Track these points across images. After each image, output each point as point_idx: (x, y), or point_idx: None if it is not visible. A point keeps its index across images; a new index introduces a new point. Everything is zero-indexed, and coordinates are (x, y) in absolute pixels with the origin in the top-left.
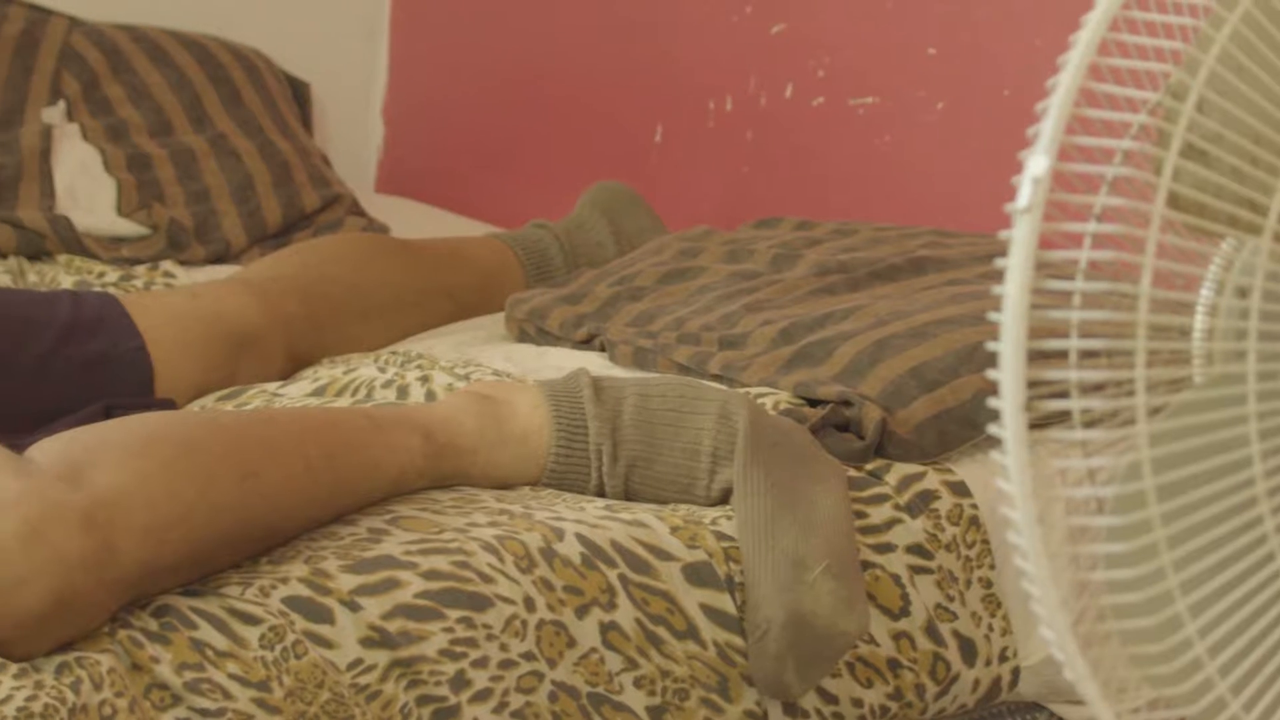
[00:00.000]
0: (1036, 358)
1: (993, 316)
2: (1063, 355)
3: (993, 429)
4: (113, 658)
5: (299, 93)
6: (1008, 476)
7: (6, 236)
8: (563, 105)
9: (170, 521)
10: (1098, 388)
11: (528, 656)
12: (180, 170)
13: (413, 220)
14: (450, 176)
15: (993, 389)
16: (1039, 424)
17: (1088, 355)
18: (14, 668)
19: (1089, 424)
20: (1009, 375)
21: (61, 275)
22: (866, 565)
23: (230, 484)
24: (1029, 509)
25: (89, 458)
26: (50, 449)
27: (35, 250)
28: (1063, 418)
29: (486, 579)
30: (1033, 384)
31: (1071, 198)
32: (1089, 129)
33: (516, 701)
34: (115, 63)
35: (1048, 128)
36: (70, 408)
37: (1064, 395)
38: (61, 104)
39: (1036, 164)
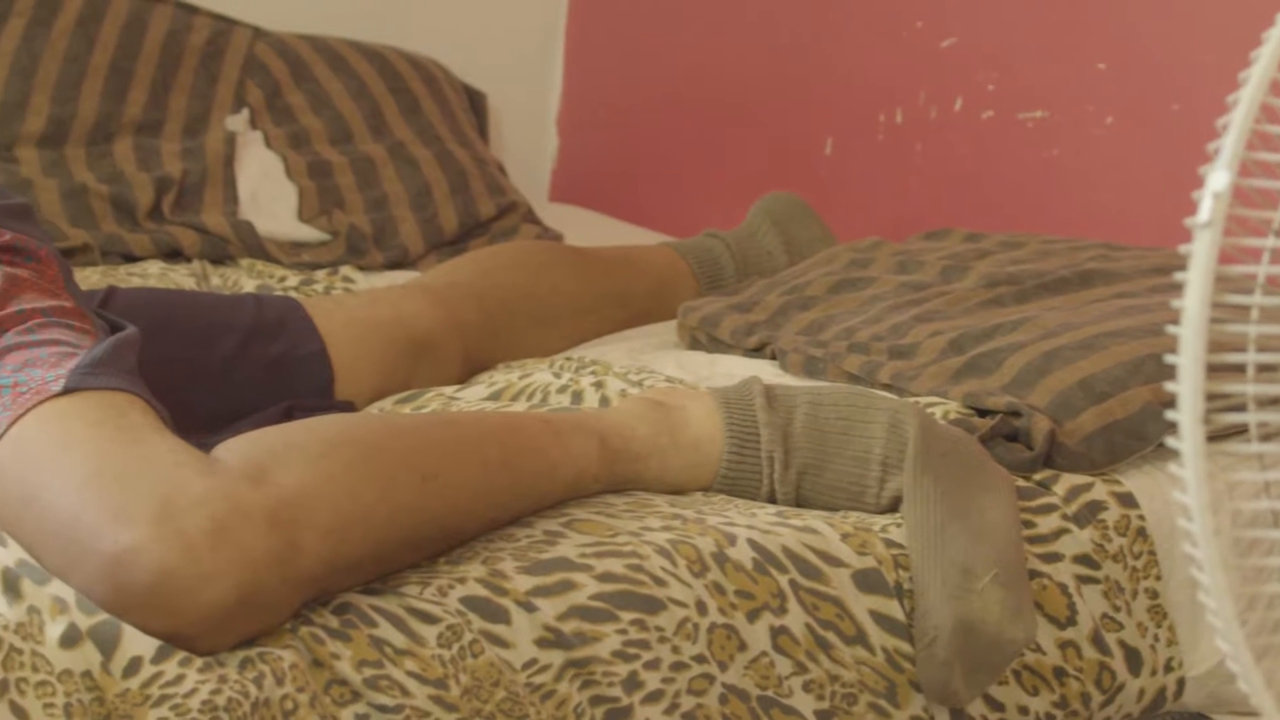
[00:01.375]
0: (1214, 371)
1: (1172, 330)
2: (1240, 369)
3: (1170, 441)
4: (295, 653)
5: (476, 102)
6: (1185, 489)
7: (191, 241)
8: (735, 116)
9: (352, 521)
10: (1274, 401)
11: (699, 659)
12: (360, 178)
13: (585, 228)
14: (623, 185)
15: (1161, 401)
16: (1215, 437)
17: (1265, 369)
18: (199, 662)
19: (1265, 437)
20: (1188, 388)
21: (244, 279)
22: (1034, 574)
23: (411, 485)
24: (1207, 521)
25: (274, 458)
26: (236, 449)
27: (219, 254)
28: (1239, 431)
29: (660, 582)
30: (1210, 397)
31: (1250, 213)
32: (1269, 144)
33: (688, 703)
34: (297, 72)
35: (1229, 143)
36: (253, 409)
37: (1241, 409)
38: (245, 112)
39: (1217, 179)
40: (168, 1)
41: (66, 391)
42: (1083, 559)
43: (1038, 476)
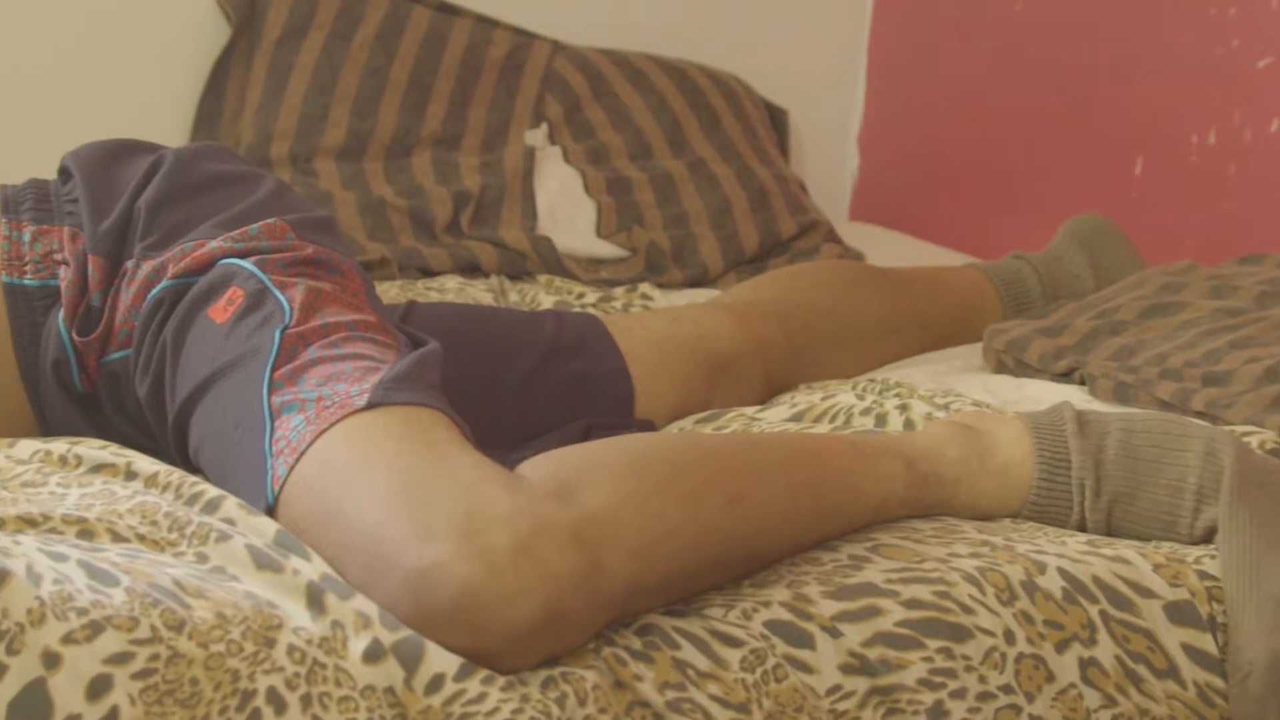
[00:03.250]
0: None
1: None
2: None
3: None
4: (597, 674)
5: (777, 119)
6: None
7: (489, 256)
8: (1040, 136)
9: (657, 541)
10: None
11: (1006, 689)
12: (659, 194)
13: (886, 248)
14: (925, 205)
15: None
16: None
17: None
18: (502, 680)
19: None
20: None
21: (541, 295)
22: None
23: (717, 506)
24: None
25: (579, 477)
26: (541, 466)
27: (517, 270)
28: None
29: (967, 610)
30: None
31: None
32: None
33: None
34: (597, 87)
35: None
36: (551, 426)
37: None
38: (544, 126)
39: None
40: (467, 15)
41: (371, 406)
42: None
43: None
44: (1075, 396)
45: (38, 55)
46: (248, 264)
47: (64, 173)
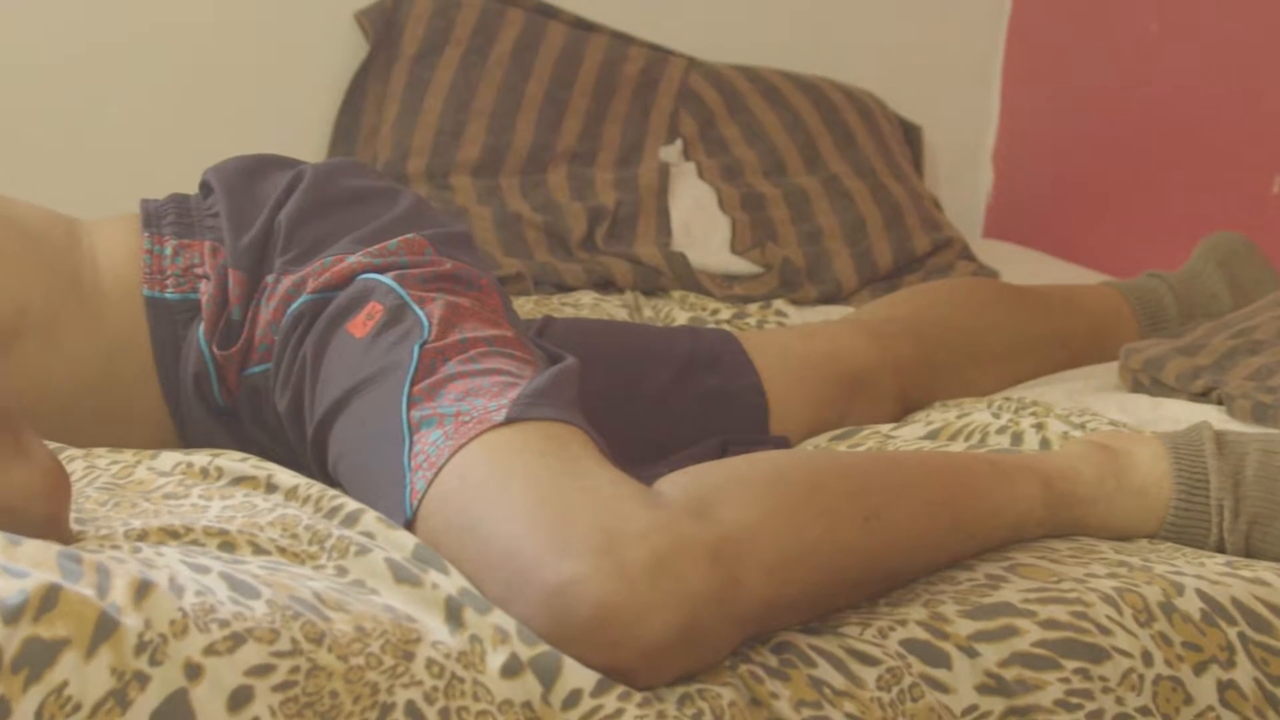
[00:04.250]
0: None
1: None
2: None
3: None
4: (733, 691)
5: (910, 136)
6: None
7: (624, 271)
8: (1176, 154)
9: (794, 559)
10: None
11: (1143, 711)
12: (793, 210)
13: (1021, 266)
14: (1059, 223)
15: None
16: None
17: None
18: (638, 696)
19: None
20: None
21: (676, 311)
22: None
23: (853, 524)
24: None
25: (716, 493)
26: (678, 483)
27: (651, 286)
28: None
29: (1105, 631)
30: None
31: None
32: None
33: None
34: (731, 103)
35: None
36: (686, 442)
37: None
38: (679, 142)
39: None
40: (603, 31)
41: (509, 421)
42: None
43: None
44: (1212, 417)
45: (179, 72)
46: (387, 279)
47: (205, 187)
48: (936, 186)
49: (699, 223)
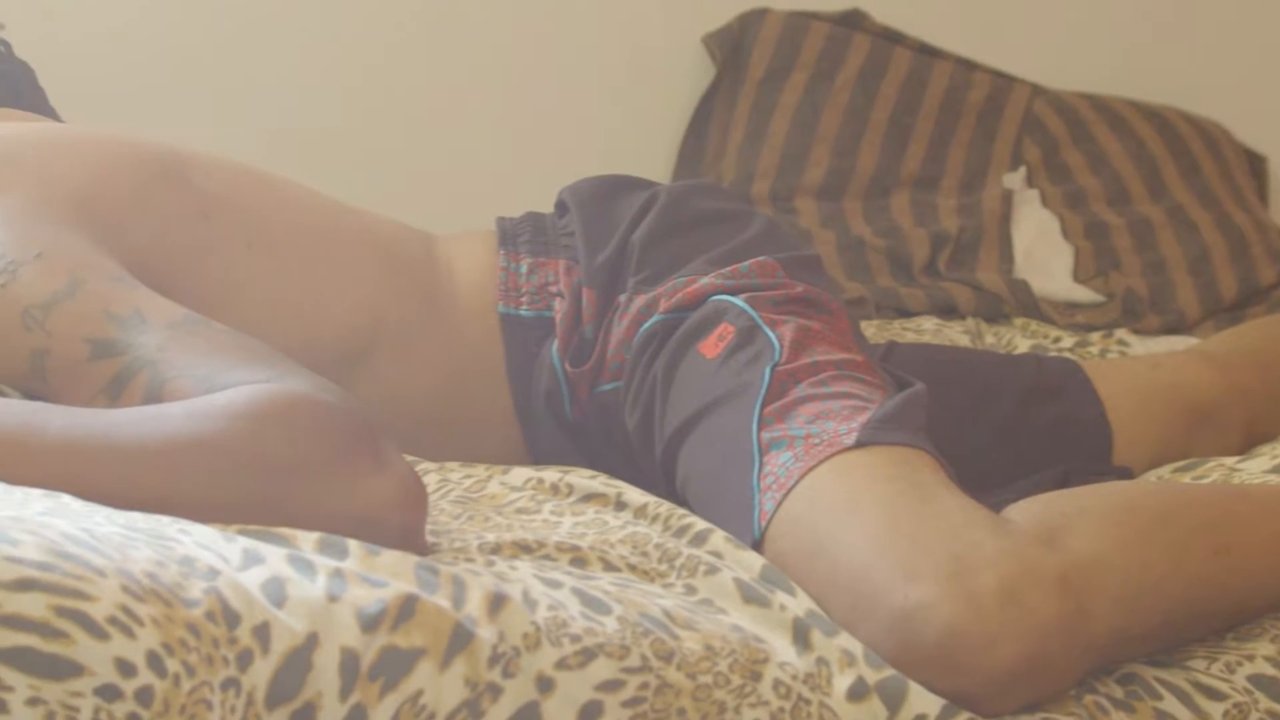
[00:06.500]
0: None
1: None
2: None
3: None
4: None
5: (1255, 166)
6: None
7: (966, 298)
8: None
9: (1143, 590)
10: None
11: None
12: (1137, 239)
13: None
14: None
15: None
16: None
17: None
18: None
19: None
20: None
21: (1018, 338)
22: None
23: (1203, 557)
24: None
25: (1066, 522)
26: (1027, 510)
27: (993, 312)
28: None
29: None
30: None
31: None
32: None
33: None
34: (1076, 131)
35: None
36: (1028, 469)
37: None
38: (1022, 170)
39: None
40: (948, 57)
41: (859, 445)
42: None
43: None
44: None
45: (531, 94)
46: (739, 301)
47: (560, 207)
48: None
49: (1041, 250)
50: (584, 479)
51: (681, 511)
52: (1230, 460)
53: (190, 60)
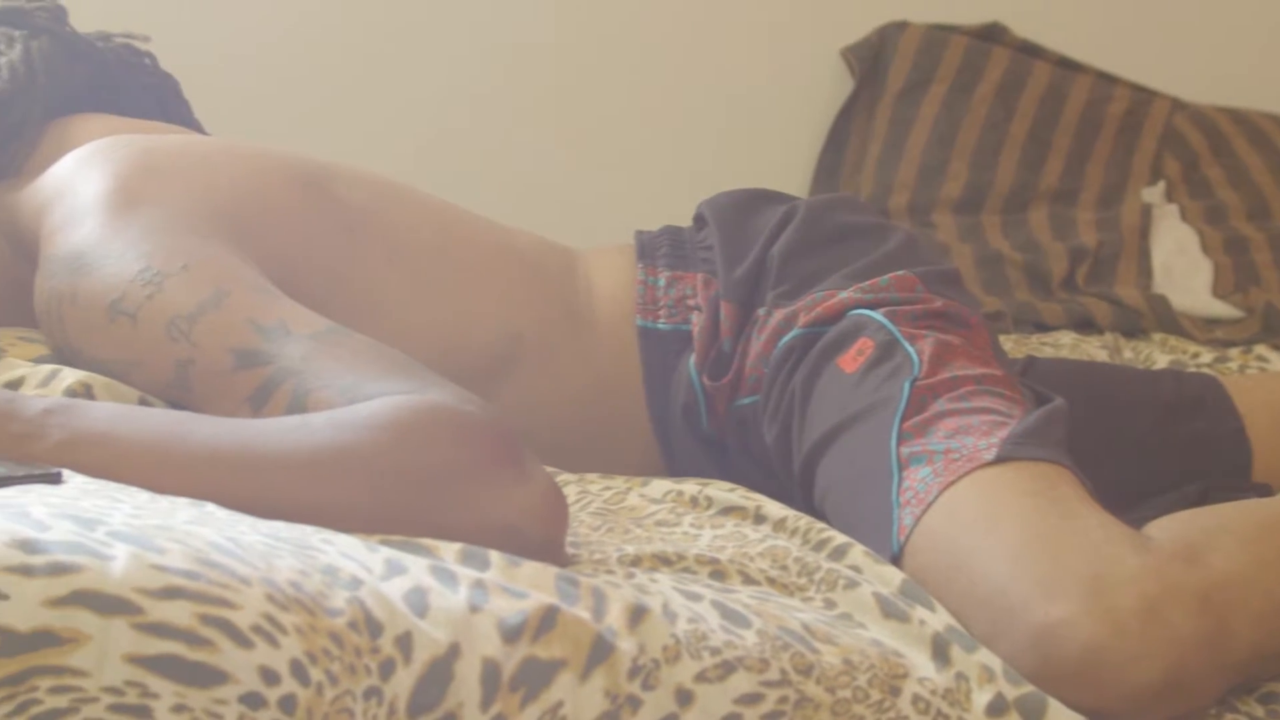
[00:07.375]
0: None
1: None
2: None
3: None
4: None
5: None
6: None
7: (1104, 313)
8: None
9: None
10: None
11: None
12: (1277, 254)
13: None
14: None
15: None
16: None
17: None
18: None
19: None
20: None
21: (1156, 353)
22: None
23: None
24: None
25: (1207, 540)
26: (1167, 528)
27: (1131, 327)
28: None
29: None
30: None
31: None
32: None
33: None
34: (1216, 145)
35: None
36: (1167, 485)
37: None
38: (1161, 184)
39: None
40: (1088, 71)
41: (999, 461)
42: None
43: None
44: None
45: (670, 107)
46: (878, 315)
47: (699, 220)
48: None
49: (1180, 265)
50: (723, 492)
51: (820, 525)
52: None
53: (335, 73)
